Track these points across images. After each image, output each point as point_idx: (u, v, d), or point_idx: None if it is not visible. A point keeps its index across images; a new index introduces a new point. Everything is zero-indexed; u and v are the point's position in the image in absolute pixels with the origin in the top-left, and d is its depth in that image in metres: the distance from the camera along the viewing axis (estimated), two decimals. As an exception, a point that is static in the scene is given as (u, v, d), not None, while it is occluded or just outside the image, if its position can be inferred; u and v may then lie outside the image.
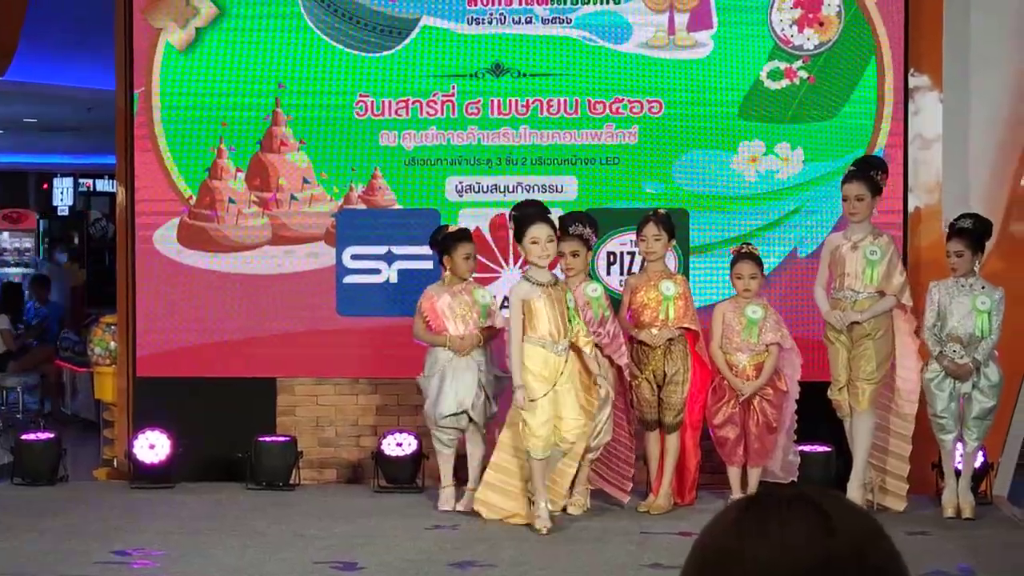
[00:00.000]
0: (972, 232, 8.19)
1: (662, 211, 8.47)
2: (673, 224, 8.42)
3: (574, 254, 8.36)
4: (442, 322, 8.42)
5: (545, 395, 7.72)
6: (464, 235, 8.52)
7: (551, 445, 7.80)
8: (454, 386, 8.38)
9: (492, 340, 8.52)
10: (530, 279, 7.83)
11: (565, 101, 9.34)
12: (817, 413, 8.34)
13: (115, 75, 9.60)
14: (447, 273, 8.50)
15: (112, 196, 17.70)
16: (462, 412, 8.40)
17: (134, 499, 8.85)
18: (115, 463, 9.68)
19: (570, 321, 7.79)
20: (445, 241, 8.48)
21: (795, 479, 8.44)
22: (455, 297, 8.43)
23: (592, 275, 8.83)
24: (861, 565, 1.54)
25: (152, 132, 9.50)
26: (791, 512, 1.57)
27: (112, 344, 9.92)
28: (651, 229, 8.31)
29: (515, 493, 8.01)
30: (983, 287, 8.21)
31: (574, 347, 7.85)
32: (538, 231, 7.74)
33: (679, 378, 8.33)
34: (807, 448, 8.66)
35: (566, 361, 7.79)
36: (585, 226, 8.38)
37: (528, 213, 7.89)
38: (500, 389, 8.48)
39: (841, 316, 8.12)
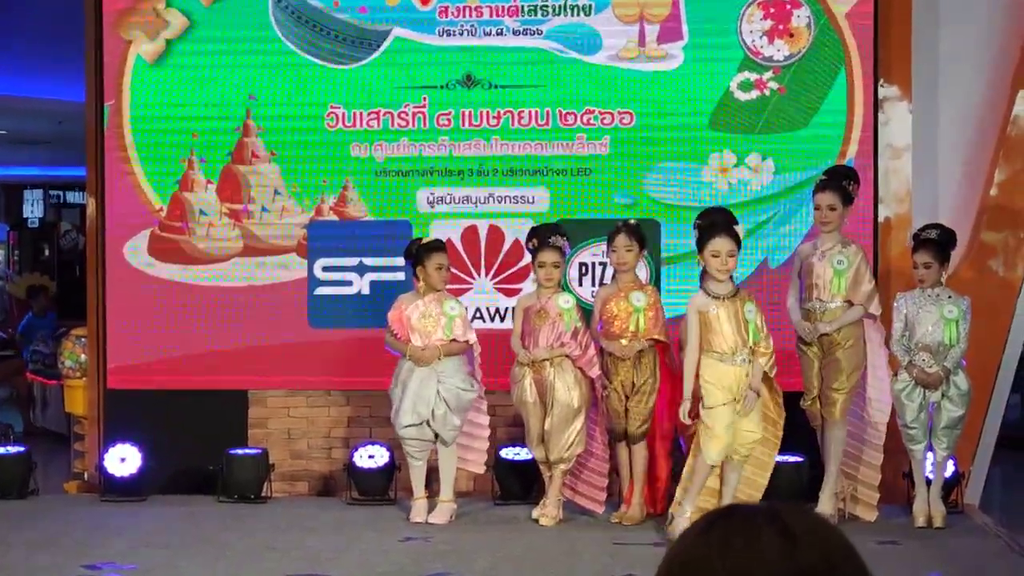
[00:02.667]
0: (938, 243, 8.24)
1: (633, 221, 8.49)
2: (644, 234, 8.44)
3: (555, 265, 8.36)
4: (406, 332, 8.42)
5: (725, 404, 7.63)
6: (437, 246, 8.51)
7: (728, 451, 7.70)
8: (412, 397, 8.37)
9: (461, 353, 8.48)
10: (708, 291, 7.73)
11: (536, 112, 9.35)
12: (789, 423, 8.34)
13: (85, 87, 9.57)
14: (420, 284, 8.49)
15: (82, 208, 17.62)
16: (421, 423, 8.38)
17: (105, 512, 8.81)
18: (85, 476, 9.64)
19: (749, 332, 7.71)
20: (418, 252, 8.47)
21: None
22: (425, 308, 8.42)
23: (564, 286, 8.82)
24: None
25: (122, 144, 9.47)
26: (760, 526, 1.57)
27: (82, 357, 9.88)
28: (622, 240, 8.32)
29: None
30: (950, 296, 8.25)
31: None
32: (720, 244, 7.64)
33: (647, 388, 8.33)
34: (779, 458, 8.66)
35: (747, 374, 7.69)
36: (563, 238, 8.39)
37: (712, 223, 7.76)
38: (464, 402, 8.46)
39: (810, 328, 8.15)
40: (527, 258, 9.05)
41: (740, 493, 7.91)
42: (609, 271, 8.99)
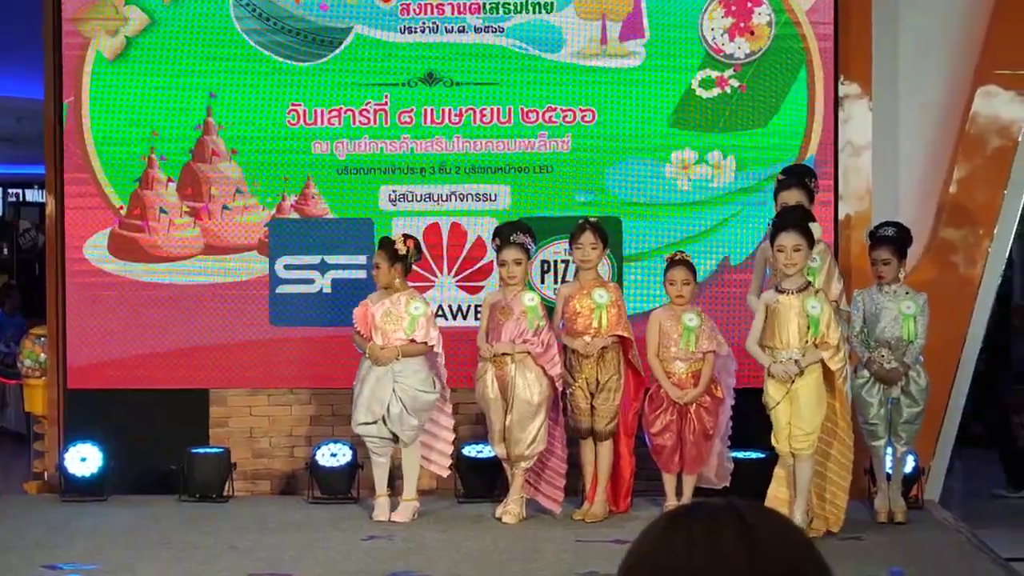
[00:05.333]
0: (897, 239, 8.29)
1: (593, 219, 8.48)
2: (607, 232, 8.45)
3: (516, 263, 8.34)
4: (370, 330, 8.40)
5: (779, 403, 7.71)
6: (379, 243, 8.52)
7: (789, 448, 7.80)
8: (368, 395, 8.36)
9: (421, 354, 8.40)
10: (776, 285, 7.83)
11: (498, 110, 9.35)
12: (753, 419, 8.36)
13: (44, 85, 9.51)
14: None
15: (42, 206, 17.52)
16: (376, 422, 8.36)
17: (65, 513, 8.75)
18: (46, 476, 9.58)
19: (810, 329, 7.71)
20: (378, 246, 8.53)
21: (728, 485, 8.48)
22: (391, 306, 8.40)
23: (527, 284, 8.81)
24: None
25: (82, 142, 9.42)
26: (723, 524, 1.57)
27: (42, 356, 9.81)
28: (588, 237, 8.32)
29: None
30: (907, 293, 8.30)
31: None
32: (785, 239, 7.68)
33: (612, 385, 8.35)
34: (742, 454, 8.69)
35: (801, 370, 7.72)
36: (525, 235, 8.37)
37: (782, 219, 7.81)
38: (421, 403, 8.40)
39: None
40: (489, 255, 9.06)
41: (828, 494, 7.95)
42: (571, 268, 8.99)
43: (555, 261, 9.33)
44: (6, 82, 14.67)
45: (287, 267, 9.45)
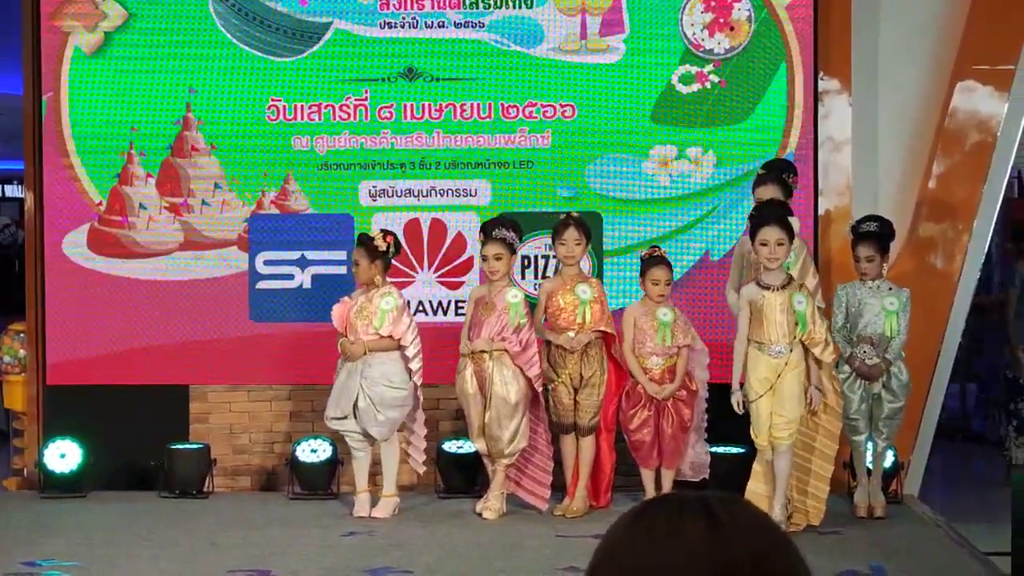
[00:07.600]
0: (880, 235, 8.30)
1: (576, 214, 8.49)
2: (589, 227, 8.46)
3: (497, 257, 8.33)
4: (344, 327, 8.39)
5: (761, 396, 7.72)
6: (359, 239, 8.50)
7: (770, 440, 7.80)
8: (338, 390, 8.38)
9: (390, 349, 8.34)
10: (758, 281, 7.80)
11: (478, 105, 9.33)
12: (729, 414, 8.36)
13: (23, 80, 9.48)
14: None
15: (21, 202, 17.45)
16: (345, 417, 8.36)
17: (44, 509, 8.73)
18: (25, 473, 9.55)
19: (798, 324, 7.71)
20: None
21: (706, 477, 8.49)
22: (365, 302, 8.38)
23: (511, 280, 8.79)
24: (756, 572, 1.51)
25: (61, 137, 9.38)
26: (688, 516, 1.55)
27: (22, 352, 9.78)
28: (572, 233, 8.32)
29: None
30: (890, 288, 8.31)
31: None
32: (768, 233, 7.68)
33: (595, 381, 8.35)
34: (720, 449, 8.70)
35: (786, 363, 7.72)
36: (508, 230, 8.35)
37: (762, 214, 7.79)
38: (389, 399, 8.33)
39: None
40: (470, 251, 9.05)
41: (811, 488, 7.96)
42: (552, 264, 8.99)
43: (535, 256, 9.32)
44: (-16, 77, 14.60)
45: (267, 263, 9.43)
